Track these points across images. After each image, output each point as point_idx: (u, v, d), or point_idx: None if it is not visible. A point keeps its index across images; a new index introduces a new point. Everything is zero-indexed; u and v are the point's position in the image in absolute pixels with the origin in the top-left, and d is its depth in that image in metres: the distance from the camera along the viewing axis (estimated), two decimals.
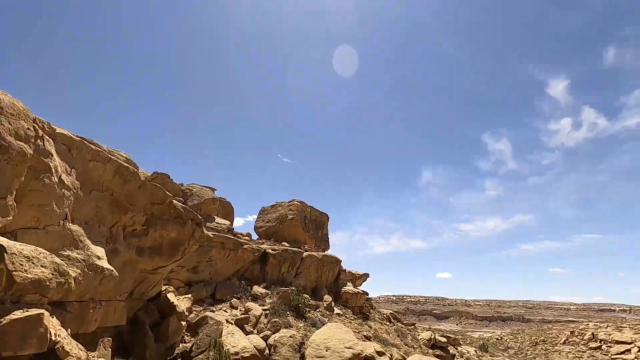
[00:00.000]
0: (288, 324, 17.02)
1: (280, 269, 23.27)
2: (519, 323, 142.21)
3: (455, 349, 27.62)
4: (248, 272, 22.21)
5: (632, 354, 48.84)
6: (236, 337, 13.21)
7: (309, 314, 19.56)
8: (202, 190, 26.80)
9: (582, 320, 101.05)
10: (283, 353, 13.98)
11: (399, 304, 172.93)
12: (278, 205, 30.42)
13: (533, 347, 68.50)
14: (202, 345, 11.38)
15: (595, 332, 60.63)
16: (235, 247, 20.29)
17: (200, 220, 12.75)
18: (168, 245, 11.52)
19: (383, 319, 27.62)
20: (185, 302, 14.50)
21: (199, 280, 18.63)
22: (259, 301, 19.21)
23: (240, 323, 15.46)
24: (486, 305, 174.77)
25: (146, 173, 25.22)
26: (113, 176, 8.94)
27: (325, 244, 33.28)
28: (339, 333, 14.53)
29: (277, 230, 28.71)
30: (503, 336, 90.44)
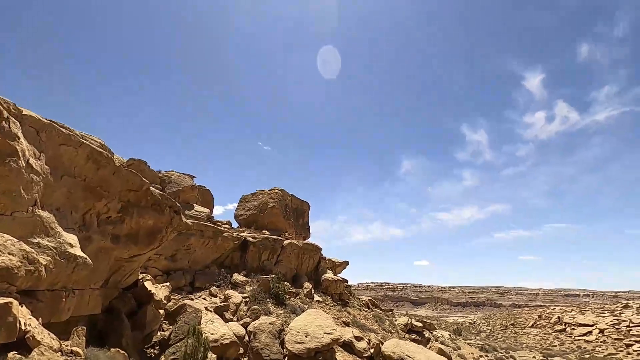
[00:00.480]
0: (268, 311, 17.12)
1: (261, 257, 23.26)
2: (491, 308, 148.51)
3: (431, 333, 28.59)
4: (228, 260, 22.10)
5: (593, 335, 52.01)
6: (215, 324, 13.19)
7: (289, 301, 19.72)
8: (181, 178, 26.25)
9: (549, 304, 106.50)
10: (263, 340, 14.08)
11: (378, 291, 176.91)
12: (259, 194, 30.21)
13: (503, 331, 71.81)
14: (180, 333, 11.31)
15: (560, 316, 64.07)
16: (214, 235, 20.10)
17: (178, 208, 12.53)
18: (145, 233, 11.28)
19: (362, 306, 28.19)
20: (163, 291, 14.33)
21: (178, 268, 18.41)
22: (239, 289, 19.20)
23: (219, 311, 15.44)
24: (461, 292, 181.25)
25: (122, 159, 24.44)
26: (86, 161, 8.61)
27: (306, 232, 33.43)
28: (319, 319, 14.74)
29: (257, 219, 28.58)
30: (476, 321, 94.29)
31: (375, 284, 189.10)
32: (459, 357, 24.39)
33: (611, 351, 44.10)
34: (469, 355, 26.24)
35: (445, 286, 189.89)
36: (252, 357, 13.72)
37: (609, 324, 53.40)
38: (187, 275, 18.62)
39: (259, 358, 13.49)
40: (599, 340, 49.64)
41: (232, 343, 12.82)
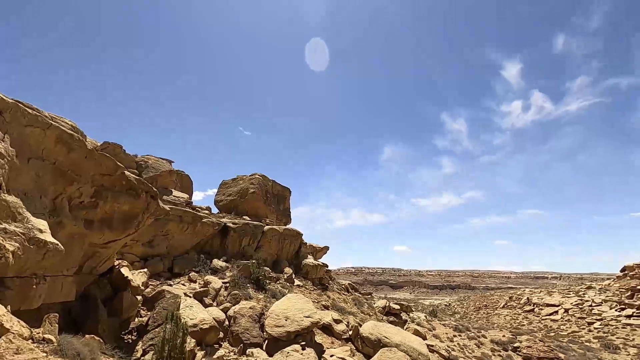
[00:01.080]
0: (248, 296, 17.18)
1: (241, 243, 23.19)
2: (466, 291, 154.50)
3: (408, 315, 29.52)
4: (208, 245, 21.92)
5: (559, 314, 55.07)
6: (195, 309, 13.15)
7: (270, 285, 19.84)
8: (159, 162, 25.61)
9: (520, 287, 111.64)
10: (243, 324, 14.18)
11: (358, 275, 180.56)
12: (239, 179, 29.89)
13: (476, 312, 75.00)
14: (158, 318, 11.22)
15: (529, 297, 67.37)
16: (193, 221, 19.84)
17: (155, 193, 12.25)
18: (120, 219, 11.00)
19: (341, 290, 28.72)
20: (140, 277, 14.12)
21: (156, 254, 18.13)
22: (218, 274, 19.14)
23: (199, 296, 15.39)
24: (437, 275, 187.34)
25: (96, 142, 23.59)
26: (55, 144, 8.24)
27: (287, 218, 33.48)
28: (299, 303, 14.93)
29: (238, 204, 28.35)
30: (451, 303, 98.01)
31: (355, 269, 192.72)
32: (433, 337, 25.34)
33: (574, 329, 46.91)
34: (443, 335, 27.31)
35: (423, 270, 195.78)
36: (232, 341, 13.82)
37: (573, 304, 56.61)
38: (165, 261, 18.38)
39: (239, 342, 13.61)
40: (564, 319, 52.64)
41: (212, 328, 12.85)
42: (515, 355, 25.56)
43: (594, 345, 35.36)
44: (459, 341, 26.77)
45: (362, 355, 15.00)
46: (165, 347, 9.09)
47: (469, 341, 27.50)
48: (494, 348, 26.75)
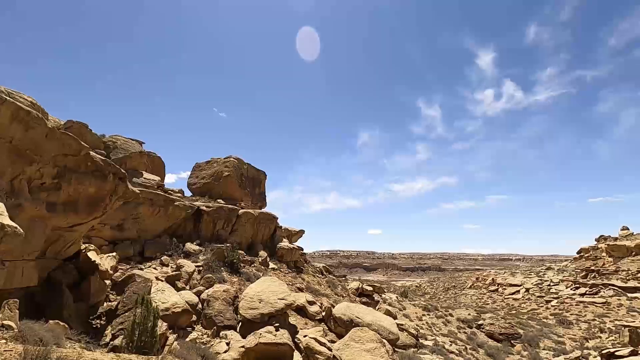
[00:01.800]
0: (222, 279, 17.13)
1: (215, 226, 22.92)
2: (436, 272, 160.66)
3: (380, 296, 30.46)
4: (180, 229, 21.53)
5: (521, 294, 58.53)
6: (167, 293, 12.99)
7: (244, 269, 19.83)
8: (128, 143, 24.61)
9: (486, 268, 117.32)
10: (216, 307, 14.17)
11: (333, 258, 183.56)
12: (213, 162, 29.26)
13: (445, 292, 78.44)
14: (128, 302, 11.00)
15: (494, 278, 71.04)
16: (165, 204, 19.36)
17: (123, 175, 11.81)
18: (86, 201, 10.57)
19: (316, 272, 29.14)
20: (109, 261, 13.73)
21: (125, 238, 17.64)
22: (192, 258, 18.91)
23: (171, 280, 15.18)
24: (409, 258, 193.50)
25: (58, 121, 22.33)
26: (11, 121, 7.71)
27: (262, 202, 33.28)
28: (273, 286, 15.04)
29: (212, 187, 27.84)
30: (421, 284, 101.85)
31: (330, 252, 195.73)
32: (404, 316, 26.36)
33: (534, 307, 50.11)
34: (413, 314, 28.45)
35: (396, 253, 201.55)
36: (205, 324, 13.81)
37: (533, 284, 60.25)
38: (136, 245, 17.94)
39: (212, 324, 13.62)
40: (525, 298, 56.04)
41: (185, 311, 12.77)
42: (479, 332, 27.05)
43: (550, 321, 37.99)
44: (428, 320, 27.99)
45: (334, 335, 15.41)
46: (135, 331, 8.95)
47: (437, 320, 28.81)
48: (459, 326, 28.18)
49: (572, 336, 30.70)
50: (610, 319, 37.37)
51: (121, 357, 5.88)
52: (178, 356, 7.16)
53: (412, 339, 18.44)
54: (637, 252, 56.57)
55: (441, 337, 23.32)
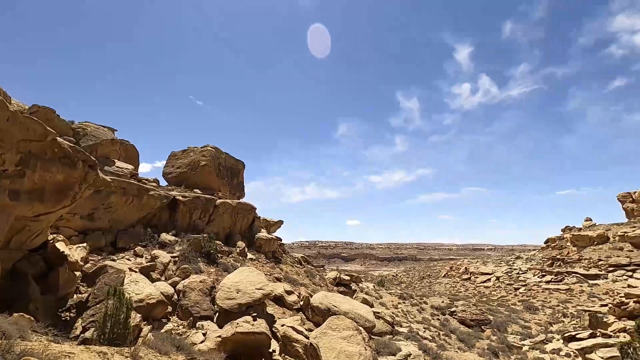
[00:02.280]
0: (199, 270, 16.90)
1: (192, 216, 22.50)
2: (412, 262, 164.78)
3: (357, 285, 30.97)
4: (155, 219, 21.01)
5: (491, 282, 60.96)
6: (140, 284, 12.69)
7: (222, 259, 19.63)
8: (99, 130, 23.64)
9: (460, 258, 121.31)
10: (192, 297, 13.99)
11: (311, 248, 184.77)
12: (190, 151, 28.58)
13: (420, 281, 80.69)
14: (100, 294, 10.69)
15: (467, 267, 73.60)
16: (139, 193, 18.80)
17: (94, 162, 11.34)
18: (53, 190, 10.09)
19: (294, 262, 29.25)
20: (79, 252, 13.26)
21: (97, 228, 17.05)
22: (167, 249, 18.53)
23: (145, 271, 14.84)
24: (387, 248, 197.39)
25: (23, 105, 21.16)
26: None
27: (241, 192, 32.91)
28: (251, 276, 14.97)
29: (188, 177, 27.24)
30: (398, 273, 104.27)
31: (309, 243, 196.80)
32: (380, 304, 26.94)
33: (503, 294, 52.36)
34: (389, 302, 29.13)
35: (374, 243, 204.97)
36: (181, 315, 13.63)
37: (503, 272, 62.87)
38: (108, 236, 17.40)
39: (188, 315, 13.45)
40: (495, 286, 58.44)
41: (159, 302, 12.53)
42: (451, 318, 28.05)
43: (518, 307, 39.85)
44: (403, 308, 28.74)
45: (312, 324, 15.58)
46: (107, 323, 8.71)
47: (412, 307, 29.63)
48: (433, 313, 29.11)
49: (538, 321, 32.35)
50: (572, 304, 39.57)
51: (91, 349, 5.70)
52: (152, 347, 7.03)
53: (388, 326, 18.90)
54: (599, 241, 59.93)
55: (416, 324, 24.02)
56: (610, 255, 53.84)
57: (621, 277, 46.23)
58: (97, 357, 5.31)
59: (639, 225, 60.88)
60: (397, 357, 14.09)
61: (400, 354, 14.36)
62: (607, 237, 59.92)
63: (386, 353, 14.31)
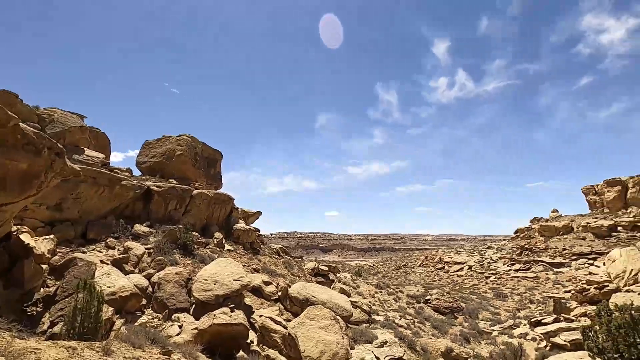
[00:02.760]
0: (175, 262, 16.55)
1: (167, 207, 21.93)
2: (389, 252, 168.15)
3: (335, 275, 31.30)
4: (128, 210, 20.34)
5: (464, 271, 63.11)
6: (113, 277, 12.29)
7: (198, 251, 19.31)
8: (67, 117, 22.47)
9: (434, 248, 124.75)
10: (168, 290, 13.70)
11: (290, 239, 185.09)
12: (165, 140, 27.72)
13: (397, 271, 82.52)
14: (69, 287, 10.26)
15: (441, 257, 75.81)
16: (111, 183, 18.10)
17: (61, 150, 10.77)
18: (16, 179, 9.53)
19: (273, 254, 29.15)
20: (46, 244, 12.66)
21: (65, 219, 16.32)
22: (141, 240, 18.02)
23: (118, 263, 14.38)
24: (364, 239, 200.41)
25: None
26: None
27: (218, 183, 32.35)
28: (228, 267, 14.81)
29: (163, 167, 26.46)
30: (375, 263, 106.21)
31: (287, 234, 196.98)
32: (357, 294, 27.38)
33: (475, 282, 54.39)
34: (366, 292, 29.66)
35: (351, 234, 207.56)
36: (156, 308, 13.33)
37: (475, 261, 65.21)
38: (77, 227, 16.69)
39: (164, 308, 13.18)
40: (468, 274, 60.60)
41: (133, 295, 12.19)
42: (426, 306, 28.90)
43: (489, 295, 41.54)
44: (380, 297, 29.34)
45: (290, 314, 15.64)
46: (77, 317, 8.37)
47: (389, 296, 30.30)
48: (409, 301, 29.89)
49: (507, 308, 33.85)
50: (539, 291, 41.64)
51: (59, 344, 5.47)
52: (125, 341, 6.83)
53: (365, 315, 19.24)
54: (564, 232, 63.07)
55: (392, 313, 24.60)
56: (574, 244, 56.84)
57: (583, 265, 48.98)
58: (66, 353, 5.09)
59: (600, 217, 64.47)
60: (373, 344, 14.39)
61: (376, 341, 14.67)
62: (572, 228, 63.15)
63: (363, 341, 14.58)
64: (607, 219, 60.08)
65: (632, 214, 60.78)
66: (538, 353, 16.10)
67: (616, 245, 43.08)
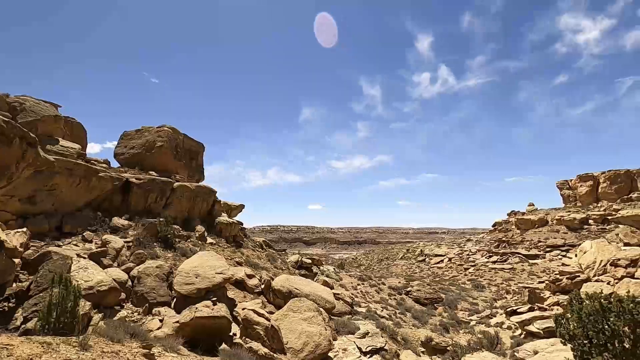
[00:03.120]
0: (155, 255, 16.25)
1: (147, 200, 21.44)
2: (371, 245, 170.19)
3: (318, 268, 31.48)
4: (106, 202, 19.78)
5: (444, 263, 64.59)
6: (90, 271, 11.96)
7: (179, 244, 18.99)
8: (40, 105, 21.52)
9: (416, 241, 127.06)
10: (148, 283, 13.44)
11: (273, 233, 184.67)
12: (144, 130, 26.97)
13: (379, 263, 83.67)
14: (43, 282, 9.92)
15: (422, 249, 77.32)
16: (87, 175, 17.54)
17: (33, 140, 10.37)
18: None
19: (256, 247, 29.03)
20: (18, 237, 12.18)
21: (39, 212, 15.74)
22: (120, 233, 17.58)
23: (96, 257, 13.99)
24: (347, 232, 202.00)
25: None
26: None
27: (200, 175, 31.81)
28: (211, 260, 14.63)
29: (143, 158, 25.77)
30: (357, 256, 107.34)
31: (270, 227, 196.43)
32: (340, 286, 27.64)
33: (455, 274, 55.78)
34: (349, 284, 29.98)
35: (335, 227, 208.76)
36: (136, 302, 13.07)
37: (455, 253, 66.83)
38: (52, 220, 16.13)
39: (144, 302, 12.94)
40: (448, 266, 62.08)
41: (112, 289, 11.91)
42: (407, 298, 29.47)
43: (467, 286, 42.70)
44: (362, 289, 29.72)
45: (273, 307, 15.64)
46: (52, 312, 8.11)
47: (371, 288, 30.73)
48: (390, 293, 30.40)
49: (484, 298, 34.91)
50: (514, 282, 43.10)
51: (34, 339, 5.29)
52: (103, 335, 6.67)
53: (348, 307, 19.47)
54: (539, 224, 65.31)
55: (374, 304, 24.98)
56: (548, 237, 58.99)
57: (557, 257, 50.96)
58: (40, 348, 4.93)
59: (573, 210, 67.04)
60: (356, 335, 14.59)
61: (358, 332, 14.88)
62: (547, 221, 65.46)
63: (345, 332, 14.76)
64: (580, 213, 62.58)
65: (603, 208, 63.50)
66: (513, 341, 16.70)
67: (587, 238, 44.99)
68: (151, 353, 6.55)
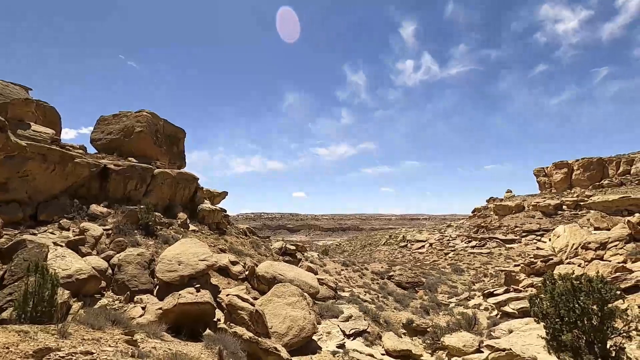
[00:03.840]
0: (136, 243, 15.97)
1: (126, 187, 20.91)
2: (355, 232, 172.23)
3: (302, 254, 31.69)
4: (84, 189, 19.19)
5: (425, 248, 66.14)
6: (68, 259, 11.66)
7: (161, 231, 18.71)
8: (9, 88, 20.44)
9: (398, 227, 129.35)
10: (129, 271, 13.24)
11: (257, 220, 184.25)
12: (122, 115, 26.10)
13: (362, 249, 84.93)
14: (18, 271, 9.60)
15: (405, 235, 78.84)
16: (62, 161, 16.92)
17: (3, 124, 9.87)
18: None
19: (239, 234, 28.91)
20: None
21: (11, 199, 15.12)
22: (98, 221, 17.15)
23: (74, 245, 13.63)
24: (331, 219, 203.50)
25: None
26: None
27: (181, 161, 31.20)
28: (193, 247, 14.50)
29: (121, 144, 25.02)
30: (341, 243, 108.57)
31: (254, 214, 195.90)
32: (324, 272, 27.96)
33: (435, 259, 57.26)
34: (333, 270, 30.37)
35: (318, 214, 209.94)
36: (117, 290, 12.88)
37: (436, 239, 68.47)
38: (26, 208, 15.55)
39: (125, 290, 12.76)
40: (429, 252, 63.62)
41: (91, 277, 11.67)
42: (389, 282, 30.13)
43: (447, 270, 43.97)
44: (346, 274, 30.17)
45: (257, 293, 15.71)
46: (29, 301, 7.89)
47: (354, 273, 31.23)
48: (373, 278, 31.00)
49: (463, 281, 36.08)
50: (492, 265, 44.62)
51: (9, 328, 5.14)
52: (83, 322, 6.55)
53: (331, 292, 19.76)
54: (516, 210, 67.45)
55: (357, 289, 25.43)
56: (524, 222, 61.09)
57: (532, 241, 52.91)
58: (17, 337, 4.80)
59: (548, 196, 69.49)
60: (339, 319, 14.86)
61: (342, 316, 15.16)
62: (523, 207, 67.66)
63: (329, 316, 15.01)
64: (554, 199, 64.93)
65: (576, 194, 66.09)
66: (490, 321, 17.39)
67: (561, 223, 46.84)
68: (134, 339, 6.49)
